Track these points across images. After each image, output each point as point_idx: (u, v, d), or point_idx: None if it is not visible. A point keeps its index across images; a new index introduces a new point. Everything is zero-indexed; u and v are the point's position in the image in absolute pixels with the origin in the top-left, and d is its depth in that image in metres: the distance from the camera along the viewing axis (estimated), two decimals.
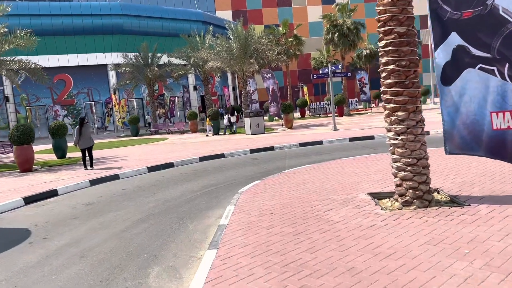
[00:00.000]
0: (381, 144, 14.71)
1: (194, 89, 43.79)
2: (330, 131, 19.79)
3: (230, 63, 24.59)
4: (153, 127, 29.40)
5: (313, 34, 58.47)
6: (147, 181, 11.23)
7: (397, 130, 6.23)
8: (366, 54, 42.44)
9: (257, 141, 18.45)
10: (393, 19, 6.11)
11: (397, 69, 6.15)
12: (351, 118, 28.77)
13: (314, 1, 61.06)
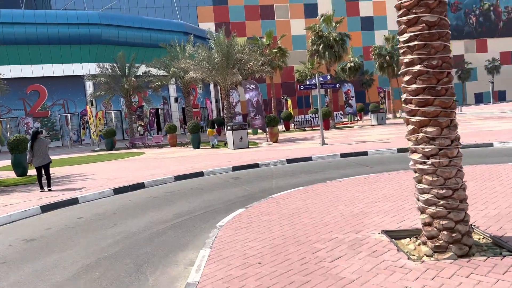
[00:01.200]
0: (377, 161, 13.18)
1: (175, 101, 41.96)
2: (319, 146, 18.23)
3: (211, 73, 22.95)
4: (130, 140, 27.39)
5: (296, 47, 57.55)
6: (109, 206, 9.38)
7: (426, 151, 4.62)
8: (351, 67, 41.38)
9: (240, 156, 16.74)
10: (421, 5, 4.54)
11: (426, 70, 4.57)
12: (337, 131, 27.35)
13: (297, 15, 60.29)
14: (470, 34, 67.29)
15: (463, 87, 65.81)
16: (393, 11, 62.88)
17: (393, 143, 16.99)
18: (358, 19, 61.27)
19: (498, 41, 68.19)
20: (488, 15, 67.93)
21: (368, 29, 62.07)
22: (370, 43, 57.59)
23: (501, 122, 22.83)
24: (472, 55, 66.64)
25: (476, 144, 14.43)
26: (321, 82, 18.24)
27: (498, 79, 65.41)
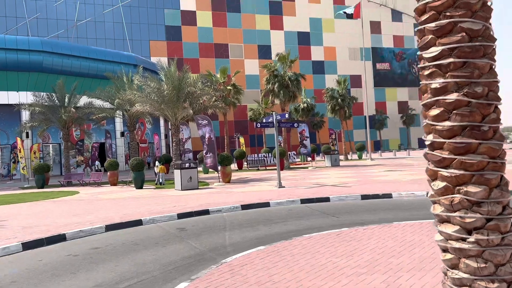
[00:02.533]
0: (343, 209, 11.67)
1: (121, 135, 39.12)
2: (275, 189, 16.58)
3: (160, 106, 20.98)
4: (65, 177, 24.32)
5: (250, 87, 57.06)
6: (9, 271, 6.98)
7: (467, 222, 3.03)
8: (304, 107, 41.06)
9: (188, 200, 14.66)
10: (459, 5, 3.07)
11: (467, 101, 3.05)
12: (292, 172, 26.00)
13: (252, 55, 60.36)
14: (414, 82, 70.50)
15: (408, 131, 68.05)
16: (344, 57, 64.91)
17: (354, 188, 15.70)
18: (310, 62, 62.35)
19: None
20: None
21: (319, 72, 63.26)
22: (321, 86, 58.40)
23: None
24: (415, 102, 69.53)
25: None
26: (279, 120, 16.88)
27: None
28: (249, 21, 60.88)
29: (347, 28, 62.19)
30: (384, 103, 67.57)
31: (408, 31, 70.64)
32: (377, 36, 67.96)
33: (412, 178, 18.28)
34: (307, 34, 63.70)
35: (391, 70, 69.03)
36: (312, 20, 64.09)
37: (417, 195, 13.38)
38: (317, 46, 63.92)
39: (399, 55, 69.55)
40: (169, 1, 57.87)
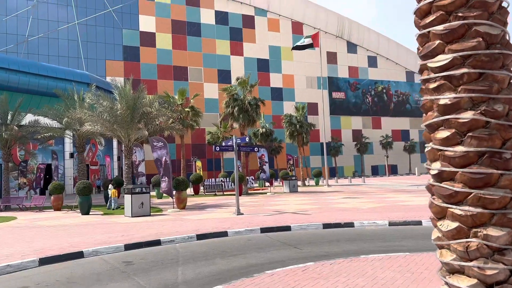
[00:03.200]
0: (305, 239, 10.96)
1: (70, 156, 36.77)
2: (233, 216, 15.65)
3: (113, 126, 19.65)
4: (2, 201, 22.06)
5: (208, 110, 56.30)
6: None
7: (487, 276, 2.37)
8: (262, 132, 40.73)
9: (138, 228, 13.41)
10: (473, 5, 2.51)
11: (485, 121, 2.45)
12: (251, 198, 25.17)
13: (211, 79, 59.94)
14: (367, 111, 72.80)
15: (362, 159, 69.54)
16: (301, 84, 66.00)
17: (314, 216, 15.10)
18: (269, 89, 62.75)
19: (390, 120, 74.66)
20: (381, 96, 74.68)
21: (278, 99, 63.77)
22: (279, 112, 58.75)
23: (412, 196, 22.65)
24: (369, 131, 71.60)
25: (406, 222, 13.09)
26: (239, 144, 16.15)
27: (391, 154, 70.48)
28: (209, 46, 60.71)
29: (305, 57, 63.54)
30: (339, 130, 68.93)
31: (362, 63, 73.39)
32: (333, 66, 69.92)
33: (371, 206, 18.01)
34: (267, 61, 64.37)
35: (346, 99, 70.93)
36: (272, 48, 64.99)
37: (378, 224, 12.97)
38: (276, 73, 64.66)
39: (354, 85, 71.76)
40: (127, 21, 56.66)
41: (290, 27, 67.02)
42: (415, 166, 67.86)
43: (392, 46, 76.79)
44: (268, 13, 65.41)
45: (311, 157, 62.91)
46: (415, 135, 77.01)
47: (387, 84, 75.53)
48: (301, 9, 67.50)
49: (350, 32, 71.64)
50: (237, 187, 16.74)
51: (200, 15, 60.75)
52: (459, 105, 2.49)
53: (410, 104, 77.92)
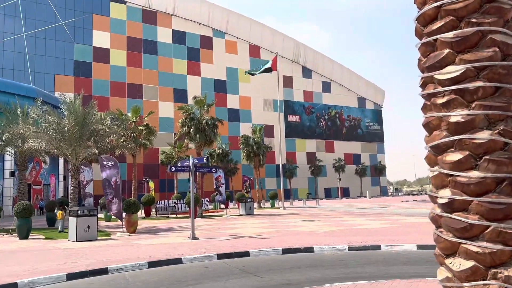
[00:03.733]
0: (265, 266, 10.41)
1: (11, 175, 34.14)
2: (188, 241, 14.81)
3: (59, 144, 18.30)
4: None
5: (163, 129, 54.98)
6: None
7: None
8: (219, 153, 40.11)
9: (83, 254, 12.25)
10: (487, 11, 2.21)
11: (503, 142, 2.12)
12: (206, 221, 24.29)
13: (166, 97, 58.84)
14: (321, 135, 74.40)
15: (315, 181, 70.46)
16: (258, 106, 66.32)
17: (273, 240, 14.62)
18: (225, 110, 62.57)
19: (342, 144, 76.70)
20: (334, 121, 76.77)
21: (234, 120, 63.66)
22: (235, 133, 58.55)
23: (367, 219, 22.80)
24: (322, 154, 73.03)
25: (365, 247, 12.91)
26: (195, 164, 15.47)
27: (343, 177, 72.09)
28: (165, 64, 59.85)
29: (262, 80, 64.17)
30: (294, 153, 69.72)
31: (317, 87, 75.33)
32: (289, 90, 71.23)
33: (328, 229, 17.82)
34: (224, 82, 64.38)
35: (301, 123, 72.18)
36: (229, 69, 65.21)
37: (338, 249, 12.70)
38: (233, 95, 64.75)
39: (308, 109, 73.29)
40: (80, 36, 54.71)
41: (248, 50, 67.78)
42: (366, 189, 69.72)
43: (345, 73, 79.70)
44: (226, 35, 65.87)
45: (266, 178, 62.92)
46: (366, 159, 79.53)
47: (340, 109, 77.88)
48: (258, 33, 68.63)
49: (306, 58, 73.65)
50: (193, 210, 15.95)
51: (157, 33, 59.98)
52: (473, 124, 2.15)
53: (361, 129, 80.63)
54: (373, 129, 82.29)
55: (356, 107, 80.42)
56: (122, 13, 57.48)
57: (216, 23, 64.70)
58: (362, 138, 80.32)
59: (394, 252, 12.21)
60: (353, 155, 77.88)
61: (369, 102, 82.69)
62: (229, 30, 66.01)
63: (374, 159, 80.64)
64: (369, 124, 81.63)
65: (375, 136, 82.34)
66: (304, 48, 74.25)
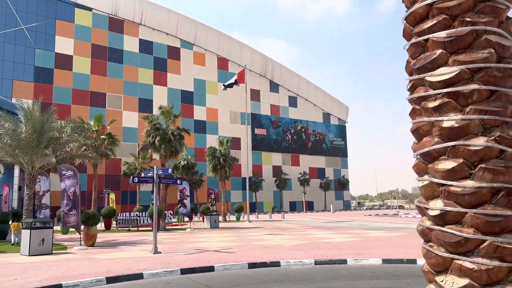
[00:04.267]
0: (229, 281, 10.04)
1: None
2: (150, 255, 14.17)
3: (14, 152, 17.24)
4: None
5: (126, 139, 53.54)
6: None
7: None
8: (184, 165, 39.39)
9: (36, 269, 11.41)
10: (481, 10, 2.09)
11: (499, 149, 1.97)
12: (169, 234, 23.54)
13: (131, 107, 57.50)
14: (287, 149, 74.94)
15: (281, 194, 70.59)
16: (225, 119, 66.07)
17: (238, 254, 14.25)
18: (192, 121, 61.87)
19: (308, 158, 77.56)
20: (300, 135, 77.65)
21: (201, 132, 63.03)
22: (202, 145, 57.95)
23: (332, 233, 22.85)
24: (288, 167, 73.47)
25: (331, 261, 12.79)
26: (160, 175, 14.94)
27: (308, 190, 72.71)
28: (131, 73, 58.66)
29: (230, 93, 63.98)
30: (260, 166, 69.73)
31: (283, 102, 76.10)
32: (256, 104, 71.53)
33: (294, 243, 17.65)
34: (191, 94, 63.82)
35: (268, 136, 72.49)
36: (197, 81, 64.76)
37: (305, 263, 12.52)
38: (200, 106, 64.23)
39: (275, 123, 73.80)
40: (42, 41, 52.73)
41: (216, 62, 67.72)
42: (330, 203, 70.54)
43: (311, 88, 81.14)
44: (194, 46, 65.58)
45: (232, 191, 62.47)
46: (330, 173, 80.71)
47: (306, 123, 78.96)
48: (226, 45, 68.79)
49: (273, 72, 74.43)
50: (156, 223, 15.35)
51: (123, 42, 58.85)
52: (468, 129, 2.00)
53: (326, 144, 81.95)
54: (337, 144, 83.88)
55: (321, 122, 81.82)
56: (88, 20, 56.04)
57: (184, 34, 64.31)
58: (327, 153, 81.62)
59: (360, 266, 12.15)
60: (317, 169, 78.87)
61: (333, 117, 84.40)
62: (197, 41, 65.76)
63: (338, 173, 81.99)
64: (333, 139, 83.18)
65: (339, 151, 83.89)
66: (272, 63, 75.08)
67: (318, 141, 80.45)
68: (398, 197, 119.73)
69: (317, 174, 78.24)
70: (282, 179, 69.38)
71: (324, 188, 76.06)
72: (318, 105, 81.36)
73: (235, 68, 62.89)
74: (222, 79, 60.29)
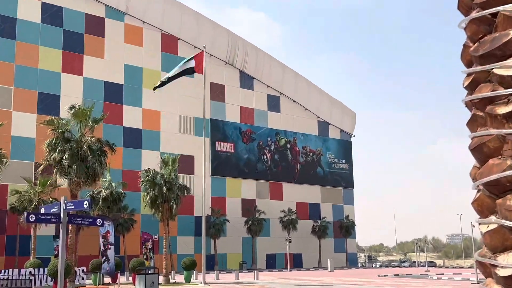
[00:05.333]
0: None
1: None
2: None
3: None
4: None
5: (17, 156, 52.47)
6: None
7: None
8: (107, 196, 38.91)
9: None
10: None
11: None
12: None
13: (26, 106, 56.67)
14: (264, 174, 75.21)
15: (254, 243, 70.43)
16: (171, 127, 65.85)
17: None
18: (120, 129, 61.32)
19: (295, 188, 77.99)
20: (284, 154, 78.24)
21: (134, 145, 62.53)
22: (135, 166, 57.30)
23: None
24: (266, 202, 73.62)
25: None
26: (70, 211, 14.70)
27: (295, 237, 72.87)
28: (28, 54, 57.92)
29: (179, 88, 63.95)
30: (223, 199, 69.64)
31: (260, 103, 76.61)
32: (220, 105, 71.71)
33: None
34: (120, 87, 63.45)
35: (236, 154, 72.66)
36: (129, 69, 64.45)
37: None
38: (134, 107, 63.87)
39: (247, 135, 74.19)
40: None
41: (159, 41, 67.83)
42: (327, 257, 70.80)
43: (301, 85, 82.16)
44: (126, 17, 65.58)
45: (179, 238, 62.10)
46: (327, 212, 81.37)
47: (293, 137, 79.78)
48: (176, 17, 69.05)
49: (245, 59, 75.04)
50: (61, 286, 15.01)
51: (17, 7, 58.18)
52: None
53: (322, 168, 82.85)
54: (339, 168, 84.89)
55: (315, 135, 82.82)
56: None
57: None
58: (323, 181, 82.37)
59: None
60: (309, 205, 79.39)
61: (334, 128, 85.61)
62: (132, 9, 65.70)
63: (339, 212, 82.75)
64: (333, 161, 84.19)
65: (341, 179, 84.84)
66: (244, 45, 75.82)
67: (310, 163, 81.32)
68: (427, 249, 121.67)
69: (309, 212, 78.78)
70: (256, 220, 69.39)
71: (318, 235, 76.54)
72: (312, 109, 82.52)
73: (187, 51, 63.02)
74: (168, 66, 60.03)
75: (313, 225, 77.18)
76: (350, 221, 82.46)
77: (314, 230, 76.78)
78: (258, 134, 75.41)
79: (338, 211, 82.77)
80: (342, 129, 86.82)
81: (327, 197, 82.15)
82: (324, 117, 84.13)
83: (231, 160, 72.04)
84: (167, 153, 46.65)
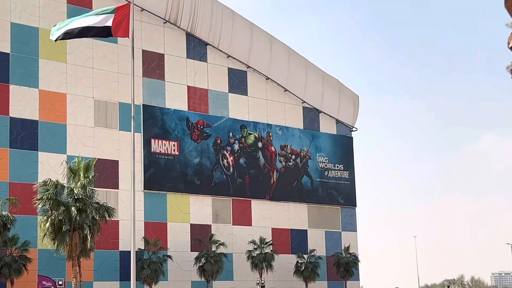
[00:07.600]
0: None
1: None
2: None
3: None
4: None
5: None
6: None
7: None
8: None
9: None
10: None
11: None
12: None
13: None
14: (224, 186, 74.74)
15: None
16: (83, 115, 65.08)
17: None
18: (6, 120, 60.33)
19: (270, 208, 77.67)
20: (254, 157, 77.71)
21: (27, 146, 61.61)
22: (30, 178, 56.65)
23: None
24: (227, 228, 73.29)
25: None
26: None
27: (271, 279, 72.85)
28: None
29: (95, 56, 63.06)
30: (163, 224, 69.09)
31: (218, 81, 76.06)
32: (157, 83, 70.96)
33: None
34: (6, 57, 62.46)
35: (181, 158, 72.13)
36: (18, 29, 63.50)
37: None
38: (26, 87, 62.82)
39: (199, 129, 73.48)
40: None
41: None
42: None
43: (278, 54, 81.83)
44: None
45: (97, 284, 61.46)
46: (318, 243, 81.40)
47: (266, 131, 79.52)
48: None
49: (195, 14, 74.33)
50: None
51: None
52: None
53: (310, 177, 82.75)
54: (335, 176, 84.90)
55: (299, 129, 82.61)
56: None
57: None
58: (312, 197, 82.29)
59: None
60: (291, 233, 79.34)
61: (327, 118, 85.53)
62: None
63: (335, 241, 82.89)
64: (326, 166, 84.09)
65: (338, 193, 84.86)
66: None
67: (293, 170, 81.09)
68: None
69: (290, 244, 78.74)
70: (212, 256, 68.97)
71: (305, 276, 76.46)
72: (294, 91, 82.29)
73: (106, 2, 62.11)
74: None
75: (297, 261, 77.07)
76: (351, 256, 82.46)
77: (299, 269, 76.64)
78: (215, 127, 74.88)
79: (333, 240, 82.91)
80: (339, 120, 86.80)
81: (318, 220, 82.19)
82: (312, 102, 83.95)
83: (175, 167, 71.39)
84: (78, 157, 45.90)
